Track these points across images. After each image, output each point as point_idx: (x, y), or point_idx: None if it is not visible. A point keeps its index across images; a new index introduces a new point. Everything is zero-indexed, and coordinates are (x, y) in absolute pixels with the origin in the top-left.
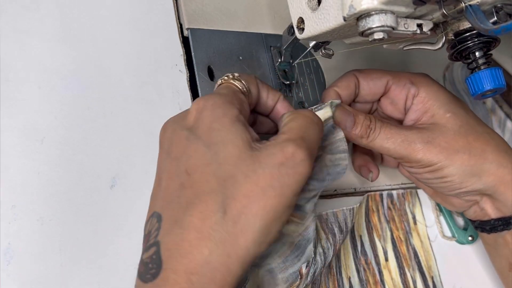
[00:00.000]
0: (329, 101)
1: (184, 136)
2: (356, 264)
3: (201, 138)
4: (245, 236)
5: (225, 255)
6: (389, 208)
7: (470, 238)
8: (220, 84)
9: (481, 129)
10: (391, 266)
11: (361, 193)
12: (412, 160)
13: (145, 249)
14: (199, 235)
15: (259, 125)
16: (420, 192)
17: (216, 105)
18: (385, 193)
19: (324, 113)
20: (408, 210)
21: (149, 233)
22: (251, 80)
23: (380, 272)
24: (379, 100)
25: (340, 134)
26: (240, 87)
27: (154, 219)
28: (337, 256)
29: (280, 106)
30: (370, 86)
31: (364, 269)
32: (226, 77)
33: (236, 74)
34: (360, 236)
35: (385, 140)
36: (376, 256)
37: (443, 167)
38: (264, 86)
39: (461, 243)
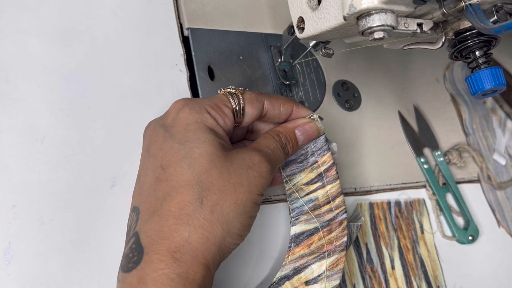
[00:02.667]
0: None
1: (161, 134)
2: (361, 272)
3: (176, 136)
4: (221, 224)
5: (204, 238)
6: (396, 216)
7: (470, 238)
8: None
9: None
10: (398, 275)
11: (361, 193)
12: None
13: (126, 243)
14: (178, 221)
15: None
16: (428, 201)
17: (194, 110)
18: (392, 201)
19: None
20: (415, 219)
21: (129, 228)
22: (253, 100)
23: (386, 280)
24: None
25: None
26: (232, 104)
27: (133, 213)
28: None
29: (293, 116)
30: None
31: (370, 277)
32: (228, 89)
33: (240, 89)
34: (366, 244)
35: None
36: (382, 264)
37: None
38: (276, 102)
39: (462, 242)
